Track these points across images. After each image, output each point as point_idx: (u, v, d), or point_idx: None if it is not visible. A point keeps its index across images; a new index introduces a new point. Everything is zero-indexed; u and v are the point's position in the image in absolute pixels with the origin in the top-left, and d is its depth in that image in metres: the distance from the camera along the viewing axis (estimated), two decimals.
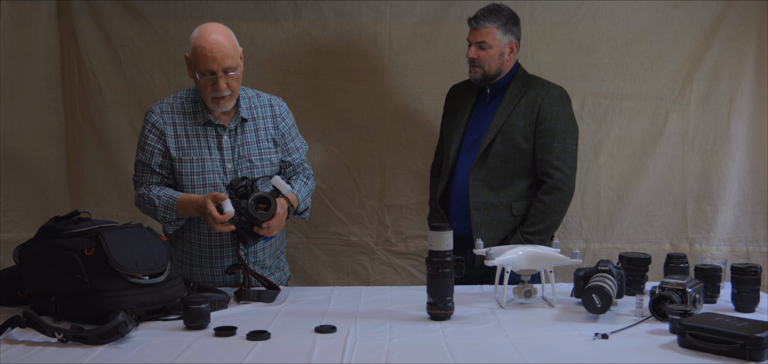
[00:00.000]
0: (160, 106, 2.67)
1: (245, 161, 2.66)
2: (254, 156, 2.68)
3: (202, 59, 2.51)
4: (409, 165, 3.63)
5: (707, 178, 3.57)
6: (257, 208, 2.38)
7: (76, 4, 3.53)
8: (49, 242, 2.18)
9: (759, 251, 3.56)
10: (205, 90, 2.56)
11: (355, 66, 3.60)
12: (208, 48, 2.51)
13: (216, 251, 2.68)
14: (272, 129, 2.73)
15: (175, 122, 2.64)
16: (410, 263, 3.66)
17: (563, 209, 2.94)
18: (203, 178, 2.63)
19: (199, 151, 2.63)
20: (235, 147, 2.66)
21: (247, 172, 2.65)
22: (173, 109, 2.66)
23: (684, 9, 3.52)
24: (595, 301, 2.17)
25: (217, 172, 2.64)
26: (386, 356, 1.87)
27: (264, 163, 2.69)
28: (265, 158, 2.70)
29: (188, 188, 2.63)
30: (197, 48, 2.52)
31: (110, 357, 1.87)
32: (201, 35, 2.54)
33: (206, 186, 2.62)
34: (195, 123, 2.64)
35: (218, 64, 2.52)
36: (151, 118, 2.65)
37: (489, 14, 2.97)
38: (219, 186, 2.62)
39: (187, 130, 2.64)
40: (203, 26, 2.58)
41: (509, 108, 2.97)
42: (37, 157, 3.54)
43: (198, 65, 2.53)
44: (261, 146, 2.69)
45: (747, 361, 1.80)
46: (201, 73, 2.53)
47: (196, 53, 2.52)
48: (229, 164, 2.65)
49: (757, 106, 3.54)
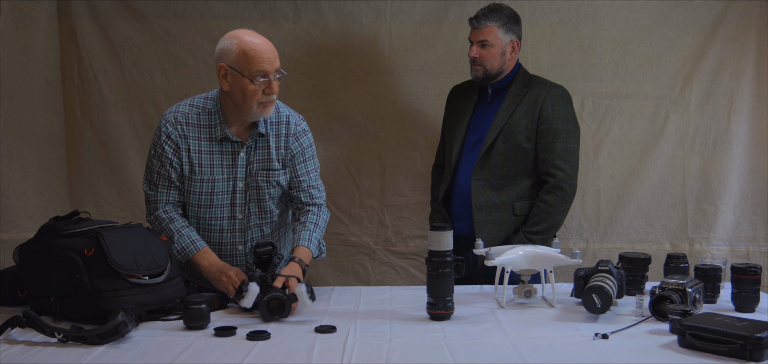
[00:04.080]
0: (174, 115, 2.53)
1: (253, 181, 2.56)
2: (261, 177, 2.56)
3: (257, 61, 2.40)
4: (409, 165, 3.63)
5: (707, 179, 3.57)
6: (269, 307, 2.19)
7: (76, 4, 3.53)
8: (49, 242, 2.18)
9: (759, 251, 3.56)
10: (254, 95, 2.42)
11: (355, 66, 3.60)
12: (262, 49, 2.41)
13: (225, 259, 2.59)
14: (283, 149, 2.58)
15: (191, 136, 2.51)
16: (410, 263, 3.66)
17: (565, 209, 2.95)
18: (211, 199, 2.55)
19: (211, 170, 2.53)
20: (249, 164, 2.55)
21: (253, 194, 2.56)
22: (189, 121, 2.52)
23: (684, 9, 3.52)
24: (595, 301, 2.17)
25: (227, 193, 2.55)
26: (386, 356, 1.87)
27: (271, 185, 2.57)
28: (272, 180, 2.57)
29: (194, 207, 2.55)
30: (249, 51, 2.40)
31: (110, 357, 1.87)
32: (245, 39, 2.43)
33: (213, 207, 2.55)
34: (211, 139, 2.52)
35: (272, 65, 2.43)
36: (167, 129, 2.51)
37: (490, 13, 2.97)
38: (225, 208, 2.55)
39: (201, 146, 2.52)
40: (238, 32, 2.47)
41: (511, 108, 2.97)
42: (37, 157, 3.54)
43: (251, 68, 2.40)
44: (271, 165, 2.56)
45: (747, 361, 1.80)
46: (253, 76, 2.40)
47: (248, 56, 2.40)
48: (240, 183, 2.55)
49: (757, 106, 3.54)
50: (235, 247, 2.61)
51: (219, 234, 2.59)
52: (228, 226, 2.58)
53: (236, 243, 2.60)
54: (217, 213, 2.56)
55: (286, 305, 2.17)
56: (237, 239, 2.60)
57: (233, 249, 2.61)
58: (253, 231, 2.60)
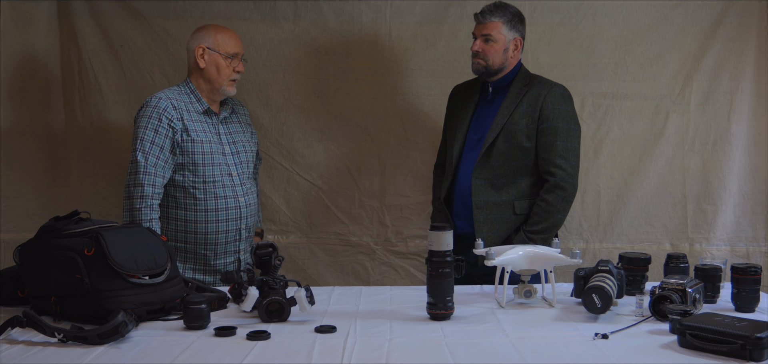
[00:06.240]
0: (160, 97, 2.90)
1: (240, 146, 3.04)
2: (243, 143, 3.06)
3: (232, 43, 2.98)
4: (409, 165, 3.63)
5: (707, 179, 3.56)
6: (268, 310, 2.20)
7: (76, 4, 3.53)
8: (49, 242, 2.18)
9: (759, 251, 3.56)
10: (225, 73, 2.96)
11: (355, 66, 3.59)
12: (233, 35, 3.01)
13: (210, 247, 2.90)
14: (250, 125, 3.18)
15: (183, 110, 2.91)
16: (410, 263, 3.66)
17: (566, 208, 2.95)
18: (212, 158, 2.91)
19: (204, 134, 2.92)
20: (228, 133, 3.02)
21: (241, 157, 3.01)
22: (175, 104, 2.90)
23: (684, 9, 3.52)
24: (595, 301, 2.17)
25: (219, 154, 2.95)
26: (386, 356, 1.87)
27: (249, 150, 3.09)
28: (251, 146, 3.11)
29: (200, 167, 2.89)
30: (224, 35, 2.97)
31: (110, 357, 1.87)
32: (218, 27, 3.01)
33: (214, 165, 2.91)
34: (196, 111, 2.94)
35: (240, 48, 3.01)
36: (160, 104, 2.87)
37: (495, 10, 2.99)
38: (222, 166, 2.93)
39: (192, 116, 2.92)
40: (209, 25, 3.06)
41: (512, 107, 2.97)
42: (37, 157, 3.54)
43: (227, 49, 2.96)
44: (247, 136, 3.11)
45: (747, 361, 1.80)
46: (228, 56, 2.95)
47: (225, 38, 2.97)
48: (227, 147, 2.98)
49: (757, 106, 3.54)
50: (238, 199, 2.96)
51: (222, 189, 2.93)
52: (228, 182, 2.95)
53: (238, 196, 2.97)
54: (217, 171, 2.92)
55: (285, 309, 2.18)
56: (238, 193, 2.97)
57: (236, 202, 2.95)
58: (244, 186, 3.01)
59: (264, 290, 2.22)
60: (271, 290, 2.21)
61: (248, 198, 3.01)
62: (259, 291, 2.20)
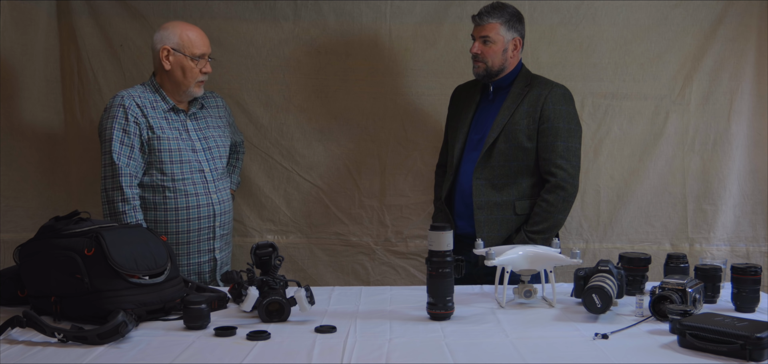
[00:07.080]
0: (123, 96, 2.85)
1: (212, 141, 2.98)
2: (215, 138, 3.00)
3: (199, 44, 2.91)
4: (409, 165, 3.63)
5: (707, 178, 3.56)
6: (268, 310, 2.19)
7: (76, 4, 3.53)
8: (49, 242, 2.18)
9: (759, 251, 3.56)
10: (192, 73, 2.89)
11: (355, 66, 3.59)
12: (200, 35, 2.93)
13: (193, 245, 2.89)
14: (224, 117, 3.12)
15: (147, 107, 2.86)
16: (410, 263, 3.66)
17: (567, 208, 2.95)
18: (180, 155, 2.87)
19: (170, 132, 2.88)
20: (198, 130, 2.97)
21: (213, 153, 2.96)
22: (140, 96, 2.88)
23: (684, 9, 3.52)
24: (595, 301, 2.17)
25: (189, 151, 2.89)
26: (386, 356, 1.87)
27: (222, 145, 3.03)
28: (224, 140, 3.05)
29: (167, 165, 2.84)
30: (190, 36, 2.90)
31: (110, 357, 1.87)
32: (184, 26, 2.94)
33: (183, 163, 2.87)
34: (162, 109, 2.90)
35: (207, 48, 2.95)
36: (124, 102, 2.83)
37: (493, 10, 2.98)
38: (192, 163, 2.89)
39: (157, 114, 2.88)
40: (175, 22, 2.97)
41: (512, 107, 2.97)
42: (37, 157, 3.54)
43: (193, 50, 2.89)
44: (220, 131, 3.05)
45: (747, 361, 1.80)
46: (194, 57, 2.89)
47: (190, 39, 2.90)
48: (197, 144, 2.93)
49: (757, 106, 3.54)
50: (210, 196, 2.93)
51: (192, 186, 2.89)
52: (199, 179, 2.91)
53: (210, 193, 2.93)
54: (187, 169, 2.87)
55: (285, 309, 2.18)
56: (210, 190, 2.93)
57: (208, 199, 2.92)
58: (217, 184, 2.96)
59: (264, 290, 2.22)
60: (271, 290, 2.21)
61: (221, 195, 2.98)
62: (259, 291, 2.20)
